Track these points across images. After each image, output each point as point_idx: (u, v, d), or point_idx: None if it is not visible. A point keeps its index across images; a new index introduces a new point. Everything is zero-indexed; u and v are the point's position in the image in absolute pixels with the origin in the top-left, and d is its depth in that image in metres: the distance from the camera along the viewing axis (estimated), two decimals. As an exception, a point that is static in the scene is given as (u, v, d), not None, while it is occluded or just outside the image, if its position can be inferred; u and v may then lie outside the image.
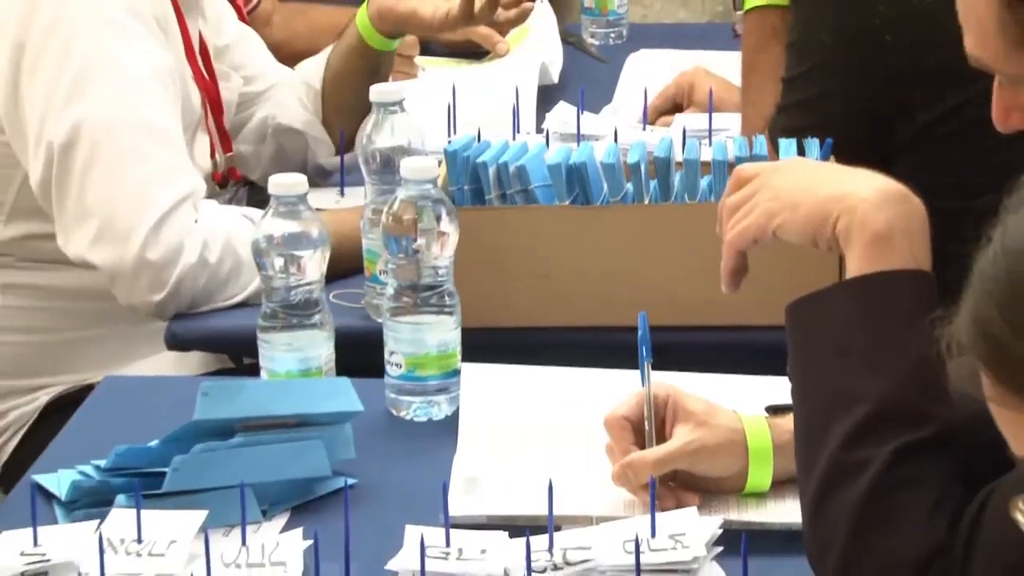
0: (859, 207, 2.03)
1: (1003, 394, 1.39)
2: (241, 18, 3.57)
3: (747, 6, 3.19)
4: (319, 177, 3.32)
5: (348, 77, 3.35)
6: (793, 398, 2.08)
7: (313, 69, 3.42)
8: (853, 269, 2.04)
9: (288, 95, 3.41)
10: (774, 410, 2.29)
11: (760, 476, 2.26)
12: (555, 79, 3.76)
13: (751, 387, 2.47)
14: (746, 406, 2.33)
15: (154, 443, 2.35)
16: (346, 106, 3.36)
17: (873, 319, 2.05)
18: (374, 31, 3.31)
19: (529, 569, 2.04)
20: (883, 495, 1.96)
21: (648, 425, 2.27)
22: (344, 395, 2.41)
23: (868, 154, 2.79)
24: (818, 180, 2.11)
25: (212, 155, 3.26)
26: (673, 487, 2.26)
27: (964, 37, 2.05)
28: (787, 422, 2.24)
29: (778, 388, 2.38)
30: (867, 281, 2.04)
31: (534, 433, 2.45)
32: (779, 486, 2.28)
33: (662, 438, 2.27)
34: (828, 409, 2.03)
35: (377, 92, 2.86)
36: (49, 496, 2.32)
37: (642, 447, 2.27)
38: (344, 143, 3.32)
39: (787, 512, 2.24)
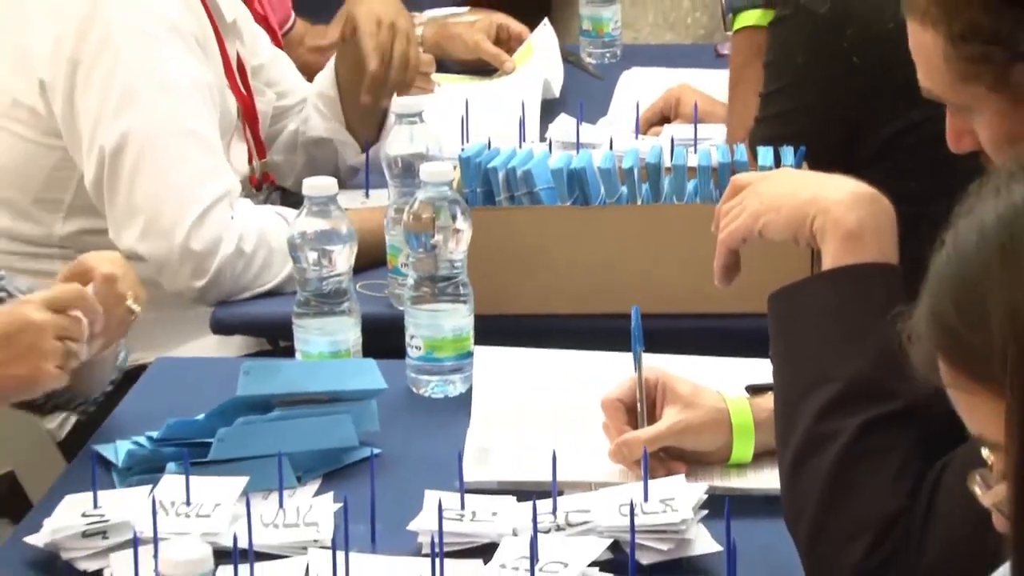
0: (833, 208, 2.03)
1: (958, 378, 1.38)
2: (275, 39, 3.56)
3: (736, 26, 3.17)
4: (350, 175, 3.32)
5: (359, 83, 3.34)
6: (773, 378, 2.08)
7: (326, 79, 3.40)
8: (828, 263, 2.04)
9: (311, 109, 3.41)
10: (754, 390, 2.30)
11: (743, 450, 2.27)
12: (556, 94, 3.75)
13: (731, 368, 2.47)
14: (728, 385, 2.33)
15: (200, 417, 2.36)
16: (361, 109, 3.36)
17: (845, 307, 2.05)
18: None
19: (535, 529, 2.04)
20: (850, 464, 1.96)
21: (640, 407, 2.27)
22: (369, 374, 2.42)
23: (837, 163, 2.79)
24: (798, 185, 2.11)
25: (250, 161, 3.25)
26: (664, 458, 2.26)
27: (917, 69, 2.06)
28: (766, 401, 2.24)
29: (756, 369, 2.39)
30: (839, 273, 2.04)
31: (540, 408, 2.45)
32: (758, 457, 2.28)
33: (653, 418, 2.27)
34: (803, 388, 2.02)
35: (399, 105, 2.87)
36: (107, 464, 2.31)
37: (635, 426, 2.27)
38: (369, 146, 3.33)
39: (766, 479, 2.24)
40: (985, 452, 1.39)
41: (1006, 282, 1.32)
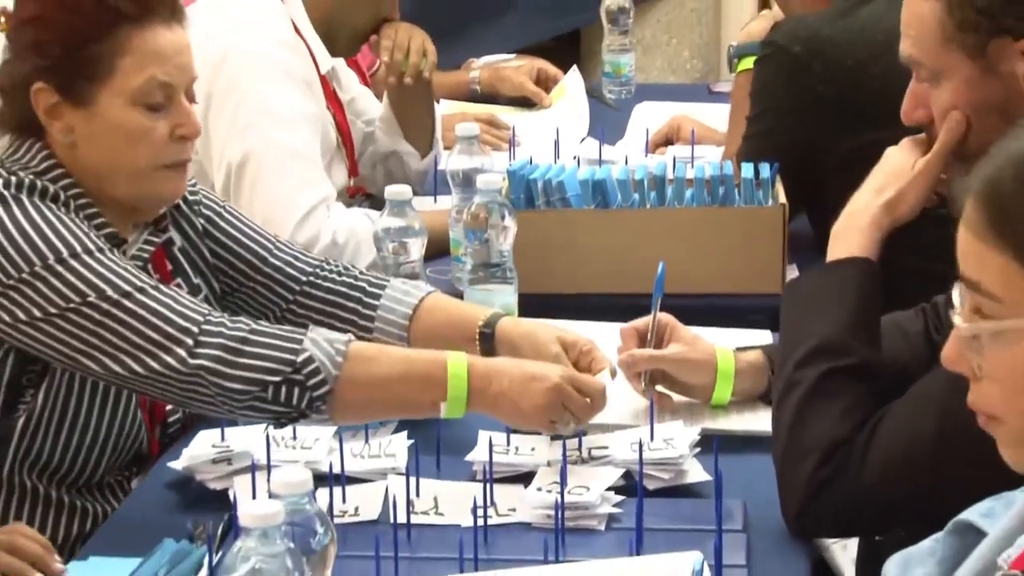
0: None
1: (980, 225, 1.33)
2: (363, 79, 3.56)
3: (739, 69, 3.15)
4: (420, 181, 3.29)
5: (406, 101, 3.30)
6: (779, 341, 2.11)
7: (384, 104, 3.35)
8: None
9: (377, 130, 3.37)
10: (740, 350, 2.30)
11: (723, 391, 2.25)
12: (585, 128, 3.74)
13: (715, 335, 2.44)
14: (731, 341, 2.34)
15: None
16: (414, 120, 3.31)
17: (823, 291, 2.08)
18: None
19: (564, 461, 2.05)
20: (809, 402, 1.98)
21: (650, 335, 2.25)
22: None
23: (805, 173, 2.80)
24: None
25: (348, 176, 3.26)
26: (657, 391, 2.26)
27: (902, 41, 2.03)
28: (749, 356, 2.24)
29: (734, 336, 2.39)
30: (824, 266, 2.09)
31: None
32: (740, 404, 2.27)
33: (659, 348, 2.26)
34: (789, 348, 2.05)
35: (461, 128, 2.87)
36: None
37: (643, 346, 2.26)
38: (436, 158, 3.32)
39: (747, 422, 2.23)
40: (961, 289, 1.36)
41: None
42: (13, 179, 2.13)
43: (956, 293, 1.36)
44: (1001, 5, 1.93)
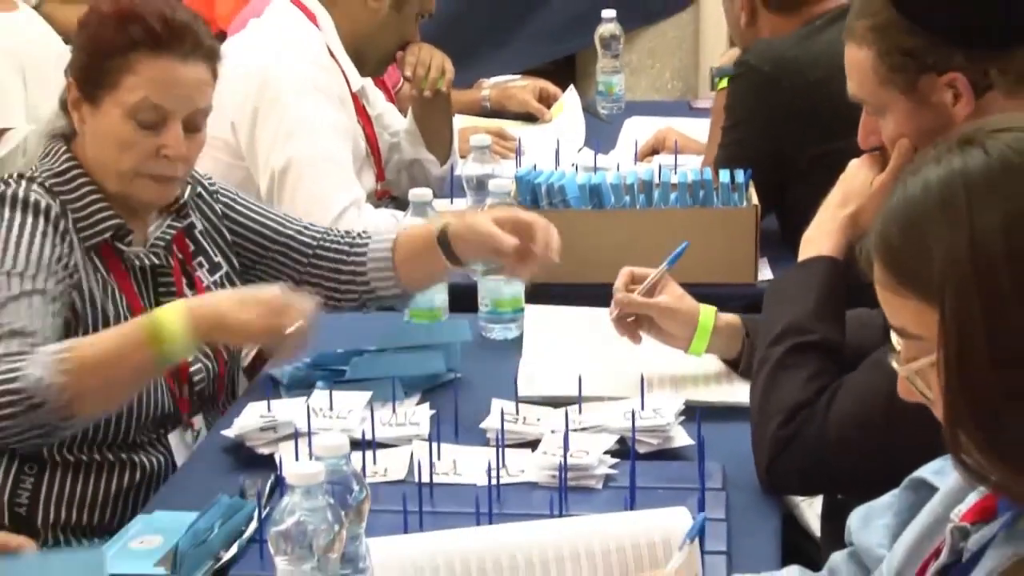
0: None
1: (889, 281, 1.33)
2: (389, 96, 3.56)
3: (720, 87, 3.12)
4: (439, 186, 3.28)
5: (428, 116, 3.30)
6: (759, 328, 2.11)
7: (408, 117, 3.35)
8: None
9: (402, 141, 3.36)
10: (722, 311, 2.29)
11: (699, 343, 2.23)
12: (582, 140, 3.74)
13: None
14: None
15: (340, 351, 2.36)
16: (434, 132, 3.31)
17: (797, 282, 2.09)
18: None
19: (567, 428, 2.04)
20: (776, 373, 1.99)
21: (647, 284, 2.24)
22: (460, 329, 2.42)
23: (774, 177, 2.79)
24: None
25: (375, 182, 3.25)
26: (634, 328, 2.25)
27: (848, 83, 2.04)
28: (727, 317, 2.25)
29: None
30: (799, 263, 2.10)
31: (570, 346, 2.43)
32: (720, 376, 2.26)
33: (650, 296, 2.25)
34: (766, 330, 2.06)
35: (474, 139, 2.87)
36: (276, 382, 2.32)
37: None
38: (453, 165, 3.31)
39: (725, 394, 2.23)
40: (895, 338, 1.35)
41: (945, 230, 1.28)
42: (8, 191, 2.15)
43: (894, 340, 1.36)
44: (923, 48, 1.93)
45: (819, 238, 2.09)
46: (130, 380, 2.04)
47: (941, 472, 1.50)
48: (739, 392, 2.18)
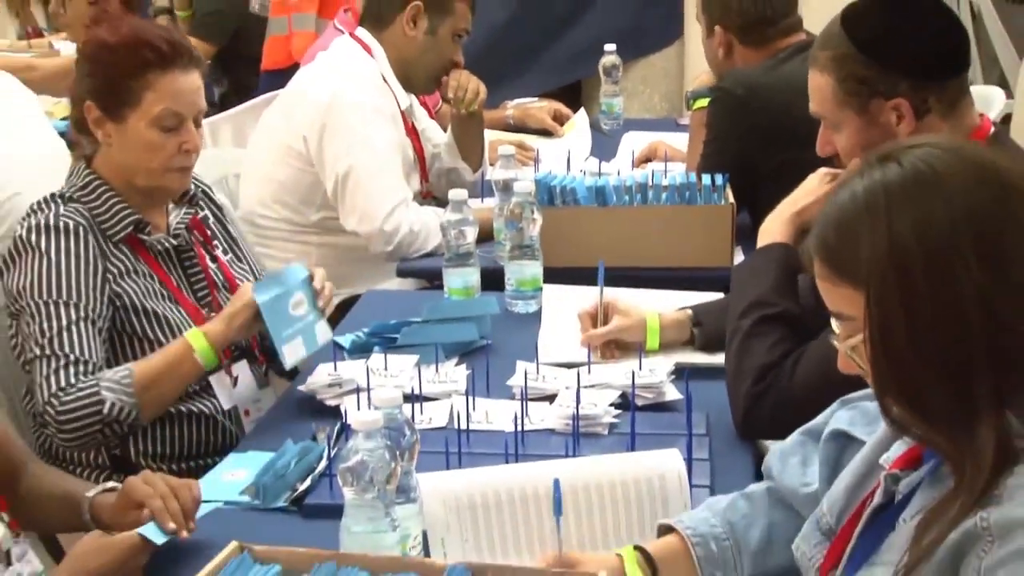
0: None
1: (827, 274, 1.33)
2: (430, 114, 3.55)
3: (695, 107, 3.12)
4: (472, 188, 3.28)
5: (464, 132, 3.28)
6: (729, 304, 2.10)
7: (448, 132, 3.34)
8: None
9: (442, 152, 3.34)
10: (674, 312, 2.28)
11: (652, 341, 2.23)
12: (588, 150, 3.73)
13: (673, 297, 2.43)
14: (669, 304, 2.32)
15: (393, 322, 2.35)
16: (469, 145, 3.29)
17: (757, 265, 2.08)
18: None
19: (579, 385, 2.03)
20: (746, 340, 1.98)
21: (599, 317, 2.25)
22: (490, 304, 2.41)
23: (747, 180, 2.78)
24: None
25: (421, 184, 3.24)
26: (611, 346, 2.24)
27: (810, 102, 2.02)
28: (671, 314, 2.24)
29: (695, 298, 2.36)
30: (757, 250, 2.09)
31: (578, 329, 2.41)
32: (703, 346, 2.24)
33: (605, 322, 2.25)
34: (734, 306, 2.05)
35: (501, 150, 2.86)
36: (341, 347, 2.31)
37: (595, 326, 2.25)
38: (484, 171, 3.29)
39: (707, 358, 2.21)
40: (834, 321, 1.35)
41: (868, 230, 1.28)
42: (41, 219, 2.12)
43: (833, 323, 1.36)
44: (875, 77, 1.92)
45: (773, 229, 2.09)
46: (179, 388, 2.14)
47: (853, 422, 1.50)
48: (719, 357, 2.16)
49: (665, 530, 1.56)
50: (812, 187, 2.11)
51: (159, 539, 1.64)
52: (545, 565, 1.47)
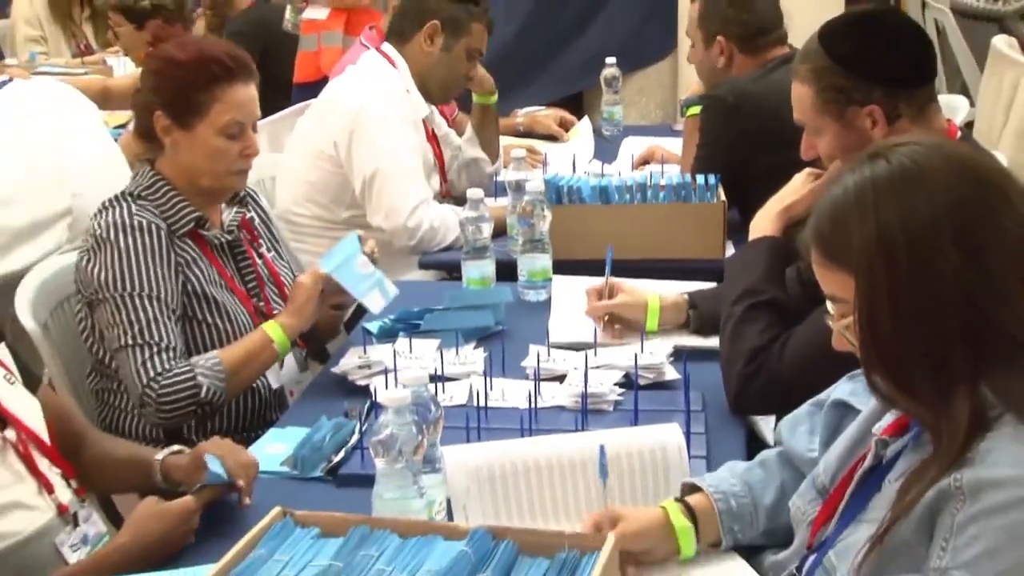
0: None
1: (822, 260, 1.34)
2: (449, 123, 3.54)
3: (688, 114, 3.11)
4: (488, 182, 3.26)
5: (485, 126, 3.29)
6: (722, 292, 2.09)
7: (470, 127, 3.35)
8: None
9: (465, 144, 3.33)
10: (675, 296, 2.27)
11: (652, 322, 2.22)
12: (592, 153, 3.71)
13: (671, 285, 2.39)
14: (667, 291, 2.30)
15: (416, 309, 2.35)
16: (488, 136, 3.30)
17: (748, 257, 2.06)
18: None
19: (587, 366, 2.03)
20: (739, 326, 1.97)
21: (605, 294, 2.24)
22: (504, 293, 2.41)
23: (738, 180, 2.77)
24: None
25: (440, 185, 3.24)
26: (613, 324, 2.24)
27: (793, 110, 2.02)
28: (670, 297, 2.23)
29: (689, 286, 2.34)
30: (748, 243, 2.08)
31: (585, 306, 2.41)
32: (697, 331, 2.22)
33: (611, 298, 2.24)
34: (727, 294, 2.03)
35: (513, 153, 2.84)
36: (370, 333, 2.31)
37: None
38: (498, 172, 3.28)
39: (703, 342, 2.20)
40: (830, 304, 1.36)
41: (858, 221, 1.29)
42: (116, 217, 2.12)
43: (828, 305, 1.36)
44: (851, 87, 1.91)
45: (762, 224, 2.09)
46: (259, 374, 2.19)
47: (854, 393, 1.50)
48: (713, 341, 2.15)
49: (688, 489, 1.56)
50: (797, 186, 2.12)
51: (223, 472, 1.67)
52: (593, 521, 1.50)
